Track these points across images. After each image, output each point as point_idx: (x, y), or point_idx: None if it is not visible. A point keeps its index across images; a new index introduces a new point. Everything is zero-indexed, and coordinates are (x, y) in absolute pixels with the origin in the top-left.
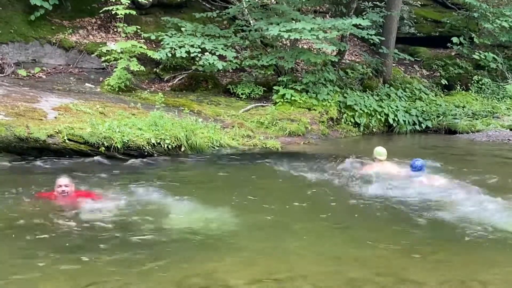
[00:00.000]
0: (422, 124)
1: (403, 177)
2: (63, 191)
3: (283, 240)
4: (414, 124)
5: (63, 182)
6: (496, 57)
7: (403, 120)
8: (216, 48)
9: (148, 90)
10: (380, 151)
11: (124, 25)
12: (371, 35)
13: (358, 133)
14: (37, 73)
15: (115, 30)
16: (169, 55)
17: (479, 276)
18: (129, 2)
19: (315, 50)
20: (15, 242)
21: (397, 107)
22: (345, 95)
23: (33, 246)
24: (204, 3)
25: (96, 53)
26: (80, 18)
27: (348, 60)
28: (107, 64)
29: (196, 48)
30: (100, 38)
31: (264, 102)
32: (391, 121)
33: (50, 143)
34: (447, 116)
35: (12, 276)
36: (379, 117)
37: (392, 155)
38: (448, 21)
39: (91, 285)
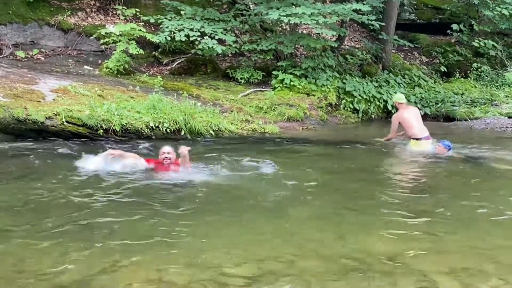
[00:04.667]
0: (421, 111)
1: None
2: (165, 157)
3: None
4: None
5: (166, 150)
6: (495, 44)
7: None
8: (216, 32)
9: (147, 74)
10: (400, 95)
11: (123, 8)
12: (371, 20)
13: (356, 119)
14: (35, 54)
15: (114, 12)
16: (168, 38)
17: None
18: None
19: (314, 35)
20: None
21: (396, 93)
22: (344, 81)
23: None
24: None
25: (95, 36)
26: (79, 0)
27: (348, 45)
28: (106, 46)
29: (195, 31)
30: (99, 21)
31: (263, 87)
32: (389, 107)
33: (48, 125)
34: (445, 103)
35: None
36: (378, 103)
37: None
38: (448, 8)
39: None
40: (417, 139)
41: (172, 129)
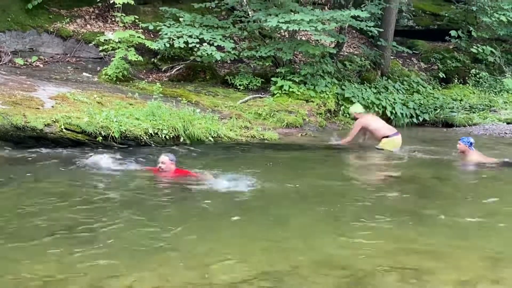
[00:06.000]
0: (420, 117)
1: None
2: (159, 167)
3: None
4: (412, 117)
5: (160, 159)
6: (494, 50)
7: (401, 113)
8: (215, 38)
9: (146, 80)
10: (359, 106)
11: (122, 15)
12: (369, 27)
13: None
14: (34, 62)
15: (113, 19)
16: (167, 45)
17: None
18: None
19: (313, 41)
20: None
21: (394, 99)
22: (343, 87)
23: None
24: None
25: (93, 43)
26: (77, 7)
27: (347, 52)
28: (105, 53)
29: (194, 38)
30: (97, 28)
31: (262, 93)
32: (388, 113)
33: (47, 132)
34: (444, 109)
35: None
36: (376, 109)
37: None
38: (446, 14)
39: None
40: (387, 136)
41: (171, 136)
